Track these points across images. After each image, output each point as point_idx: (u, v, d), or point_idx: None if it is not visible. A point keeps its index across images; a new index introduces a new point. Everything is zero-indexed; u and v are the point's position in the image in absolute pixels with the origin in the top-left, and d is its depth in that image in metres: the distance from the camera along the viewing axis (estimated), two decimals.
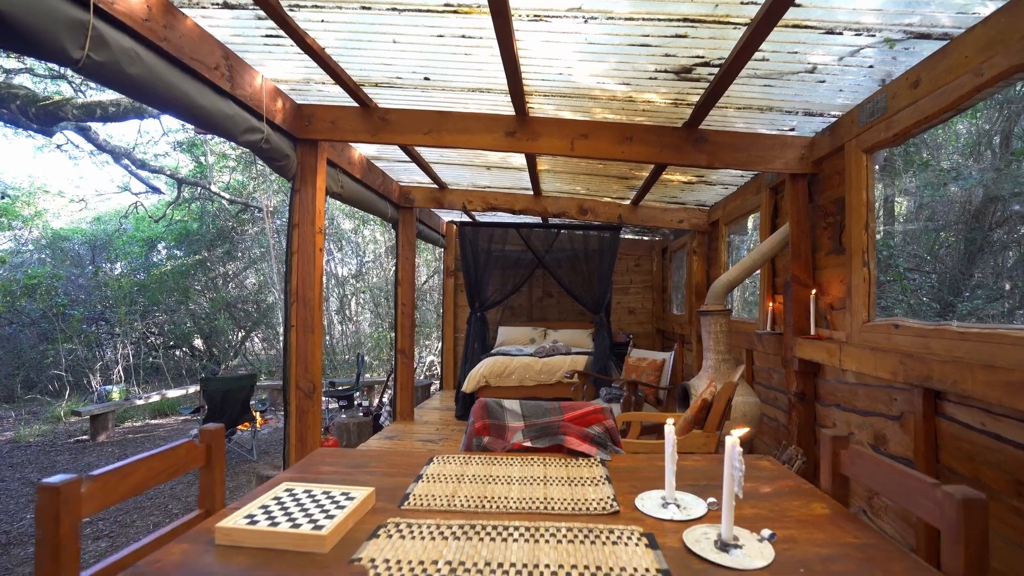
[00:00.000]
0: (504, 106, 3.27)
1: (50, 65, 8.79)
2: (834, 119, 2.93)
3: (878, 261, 2.66)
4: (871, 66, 2.36)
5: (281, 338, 13.01)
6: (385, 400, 6.19)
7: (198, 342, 12.56)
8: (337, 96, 3.34)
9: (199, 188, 10.23)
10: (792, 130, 3.21)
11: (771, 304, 3.76)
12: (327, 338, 13.41)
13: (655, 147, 3.27)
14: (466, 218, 7.00)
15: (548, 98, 3.12)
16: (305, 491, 1.18)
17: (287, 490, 1.18)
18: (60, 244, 11.69)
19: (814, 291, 3.07)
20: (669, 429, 1.15)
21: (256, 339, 13.26)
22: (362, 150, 4.55)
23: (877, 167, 2.69)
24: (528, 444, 1.59)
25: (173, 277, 10.95)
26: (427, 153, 4.60)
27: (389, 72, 2.98)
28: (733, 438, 0.95)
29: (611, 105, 3.12)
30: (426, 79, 3.01)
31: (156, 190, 10.16)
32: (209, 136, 10.94)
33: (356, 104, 3.44)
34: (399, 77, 3.04)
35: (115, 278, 10.50)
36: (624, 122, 3.30)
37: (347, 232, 13.69)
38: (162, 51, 2.26)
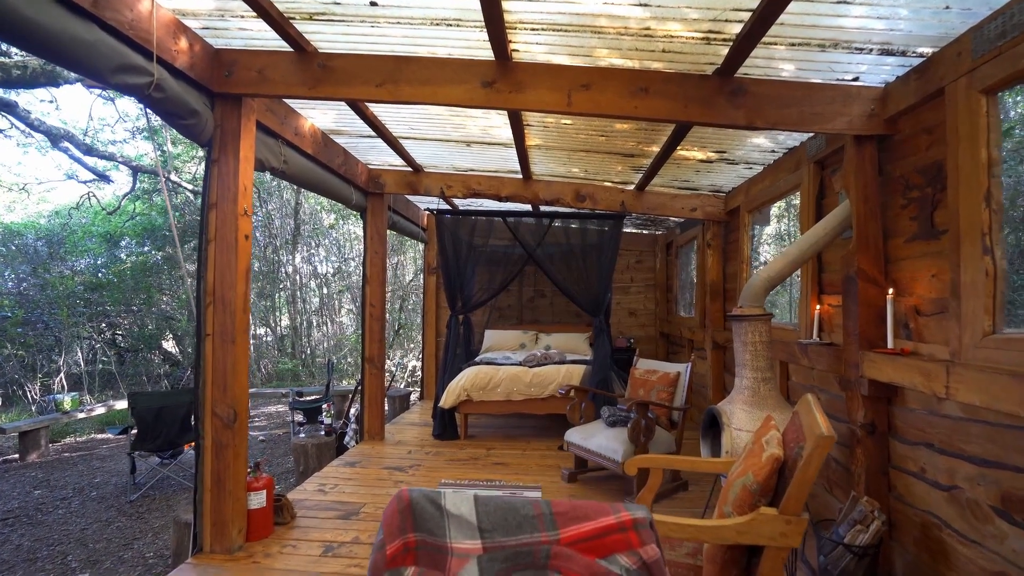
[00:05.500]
0: (480, 47, 2.49)
1: None
2: (922, 58, 2.17)
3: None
4: None
5: (254, 342, 12.13)
6: (352, 415, 5.39)
7: (167, 345, 11.66)
8: (264, 36, 2.57)
9: (159, 178, 9.33)
10: (856, 79, 2.45)
11: (818, 306, 3.01)
12: (304, 341, 12.57)
13: (678, 101, 2.50)
14: (445, 206, 6.20)
15: (538, 34, 2.35)
16: None
17: None
18: (13, 240, 10.76)
19: (891, 290, 2.31)
20: None
21: None
22: (315, 120, 3.76)
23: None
24: None
25: (133, 275, 10.05)
26: (394, 126, 3.82)
27: None
28: None
29: (620, 44, 2.35)
30: (373, 3, 2.23)
31: (105, 178, 9.23)
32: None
33: (290, 48, 2.66)
34: (337, 2, 2.26)
35: (57, 277, 9.54)
36: (637, 68, 2.53)
37: (326, 228, 12.86)
38: None
